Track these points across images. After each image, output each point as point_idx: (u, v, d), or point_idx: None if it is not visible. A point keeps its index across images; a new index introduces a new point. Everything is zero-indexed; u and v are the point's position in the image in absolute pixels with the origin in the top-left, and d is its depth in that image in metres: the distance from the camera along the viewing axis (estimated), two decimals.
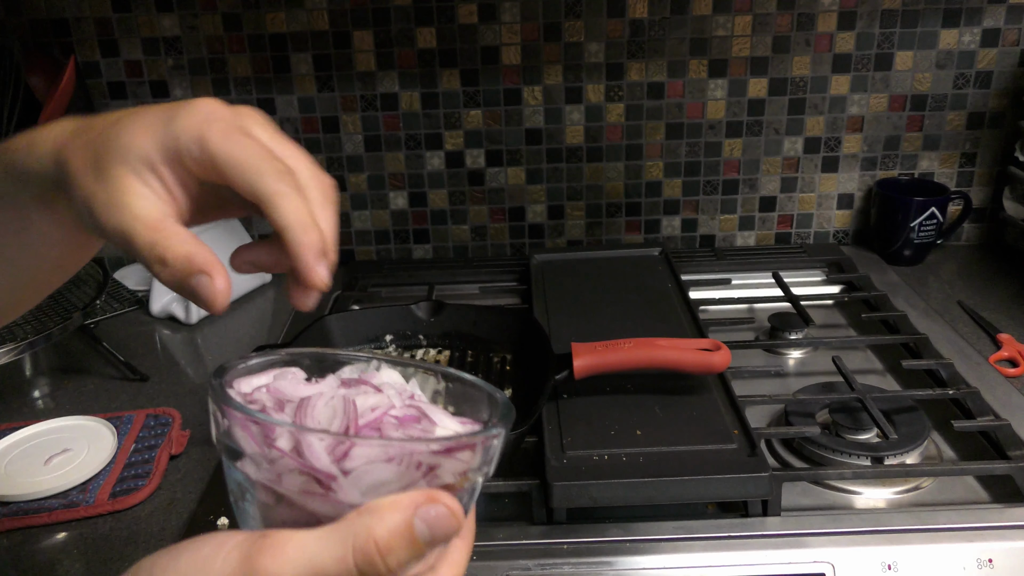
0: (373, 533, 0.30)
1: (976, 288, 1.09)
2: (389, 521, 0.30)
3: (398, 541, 0.30)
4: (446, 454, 0.33)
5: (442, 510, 0.31)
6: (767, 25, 1.12)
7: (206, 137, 0.36)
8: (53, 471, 0.78)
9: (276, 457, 0.32)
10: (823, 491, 0.73)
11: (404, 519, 0.30)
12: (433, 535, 0.31)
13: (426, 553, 0.31)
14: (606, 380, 0.79)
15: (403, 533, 0.30)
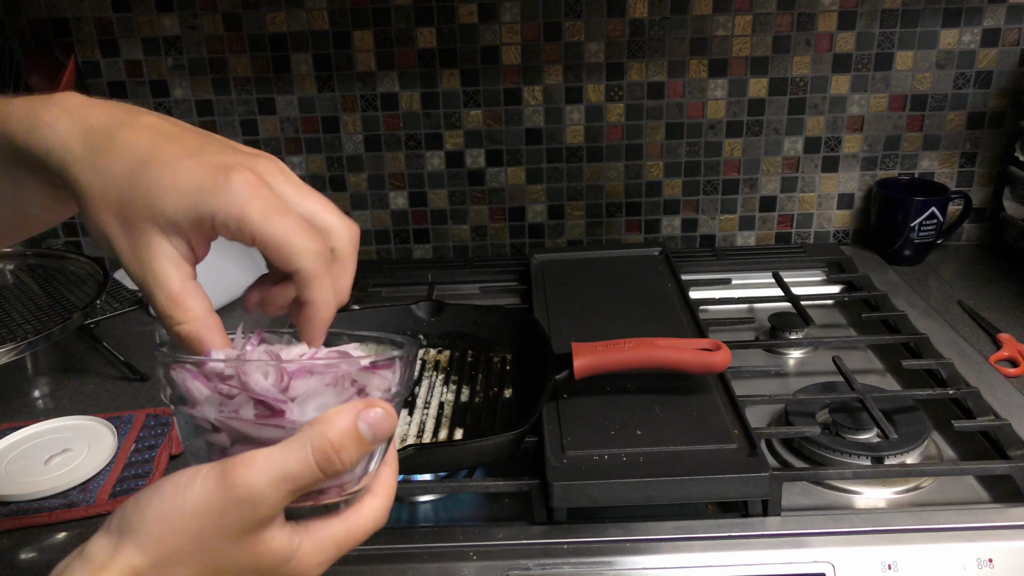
0: (327, 435, 0.36)
1: (976, 288, 1.09)
2: (338, 424, 0.37)
3: (347, 439, 0.37)
4: (372, 371, 0.40)
5: (379, 412, 0.38)
6: (767, 25, 1.12)
7: (246, 219, 0.38)
8: (53, 471, 0.78)
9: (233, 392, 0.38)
10: (823, 491, 0.73)
11: (350, 421, 0.37)
12: (375, 433, 0.37)
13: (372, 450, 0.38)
14: (606, 380, 0.79)
15: (350, 433, 0.37)
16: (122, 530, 0.36)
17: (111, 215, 0.39)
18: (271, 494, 0.36)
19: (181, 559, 0.36)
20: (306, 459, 0.36)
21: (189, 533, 0.36)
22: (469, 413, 0.79)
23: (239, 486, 0.35)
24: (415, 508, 0.74)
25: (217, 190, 0.38)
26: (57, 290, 0.99)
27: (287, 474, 0.36)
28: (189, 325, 0.40)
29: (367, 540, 0.41)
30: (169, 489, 0.37)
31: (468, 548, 0.66)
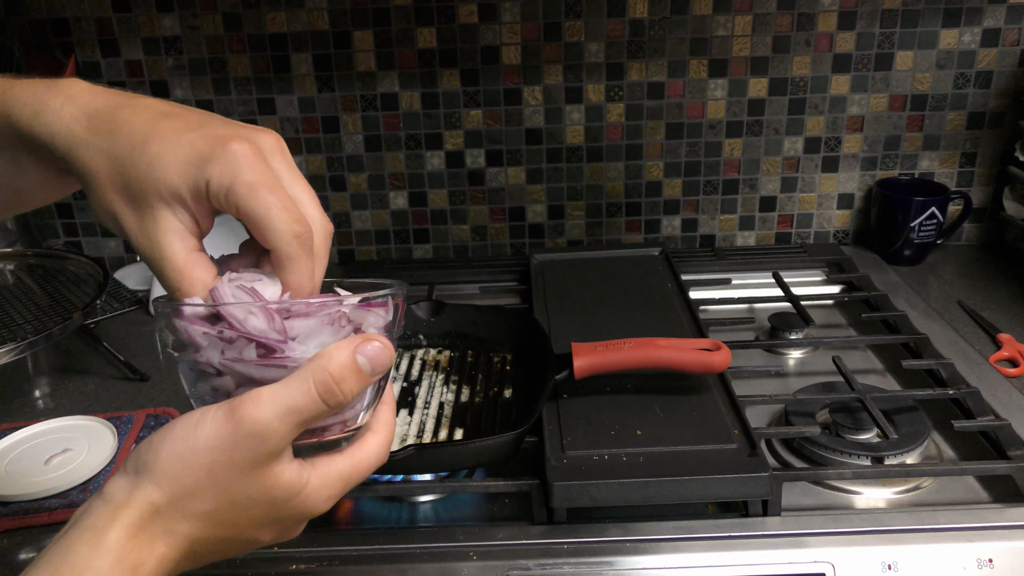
0: (328, 368, 0.38)
1: (976, 288, 1.09)
2: (337, 358, 0.38)
3: (347, 372, 0.38)
4: (366, 308, 0.42)
5: (377, 346, 0.39)
6: (767, 25, 1.12)
7: (234, 190, 0.39)
8: (53, 471, 0.78)
9: (233, 337, 0.39)
10: (823, 491, 0.73)
11: (349, 355, 0.38)
12: (373, 366, 0.39)
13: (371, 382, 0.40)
14: (606, 380, 0.79)
15: (350, 365, 0.38)
16: (138, 470, 0.38)
17: (118, 194, 0.40)
18: (278, 427, 0.37)
19: (196, 493, 0.37)
20: (309, 392, 0.38)
21: (203, 468, 0.37)
22: (469, 413, 0.79)
23: (248, 421, 0.37)
24: (415, 508, 0.74)
25: (214, 158, 0.39)
26: (57, 290, 0.99)
27: (292, 407, 0.37)
28: (197, 293, 0.41)
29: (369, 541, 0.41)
30: (181, 428, 0.38)
31: (468, 548, 0.66)
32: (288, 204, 0.40)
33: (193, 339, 0.40)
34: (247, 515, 0.39)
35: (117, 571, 0.36)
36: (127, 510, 0.37)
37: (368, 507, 0.74)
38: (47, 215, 1.21)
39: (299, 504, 0.40)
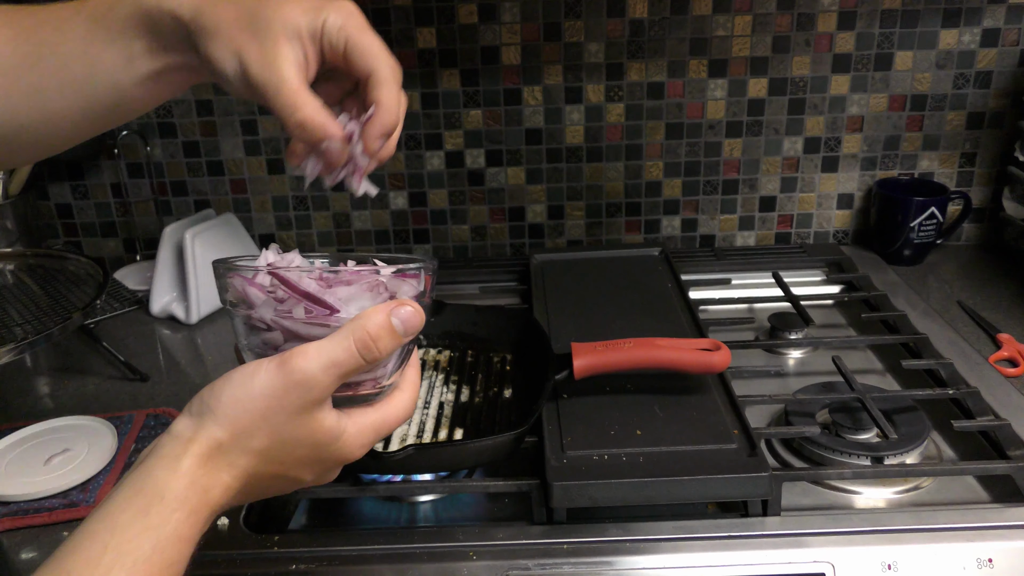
0: (366, 327, 0.43)
1: (976, 288, 1.09)
2: (375, 319, 0.44)
3: (383, 331, 0.44)
4: (401, 278, 0.46)
5: (409, 310, 0.45)
6: (767, 25, 1.12)
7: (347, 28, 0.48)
8: (53, 471, 0.78)
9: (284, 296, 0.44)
10: (823, 491, 0.73)
11: (384, 316, 0.44)
12: (406, 327, 0.45)
13: (403, 342, 0.45)
14: (606, 380, 0.79)
15: (385, 325, 0.44)
16: (202, 412, 0.43)
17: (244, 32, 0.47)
18: (322, 378, 0.43)
19: (253, 432, 0.43)
20: (349, 348, 0.43)
21: (258, 411, 0.43)
22: (469, 413, 0.79)
23: (296, 371, 0.43)
24: (415, 508, 0.74)
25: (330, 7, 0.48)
26: (57, 290, 0.99)
27: (335, 360, 0.43)
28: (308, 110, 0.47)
29: (369, 541, 0.52)
30: (239, 376, 0.44)
31: (468, 548, 0.66)
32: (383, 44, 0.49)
33: (249, 297, 0.45)
34: (295, 454, 0.45)
35: (191, 492, 0.41)
36: (196, 444, 0.42)
37: (368, 507, 0.74)
38: (47, 215, 1.21)
39: (338, 449, 0.46)
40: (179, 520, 0.41)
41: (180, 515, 0.41)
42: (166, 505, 0.40)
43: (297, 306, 0.45)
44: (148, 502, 0.40)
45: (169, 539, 0.40)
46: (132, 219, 1.22)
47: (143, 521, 0.40)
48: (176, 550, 0.40)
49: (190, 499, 0.41)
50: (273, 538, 0.67)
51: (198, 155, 1.18)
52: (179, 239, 1.05)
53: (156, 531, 0.40)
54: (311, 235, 1.23)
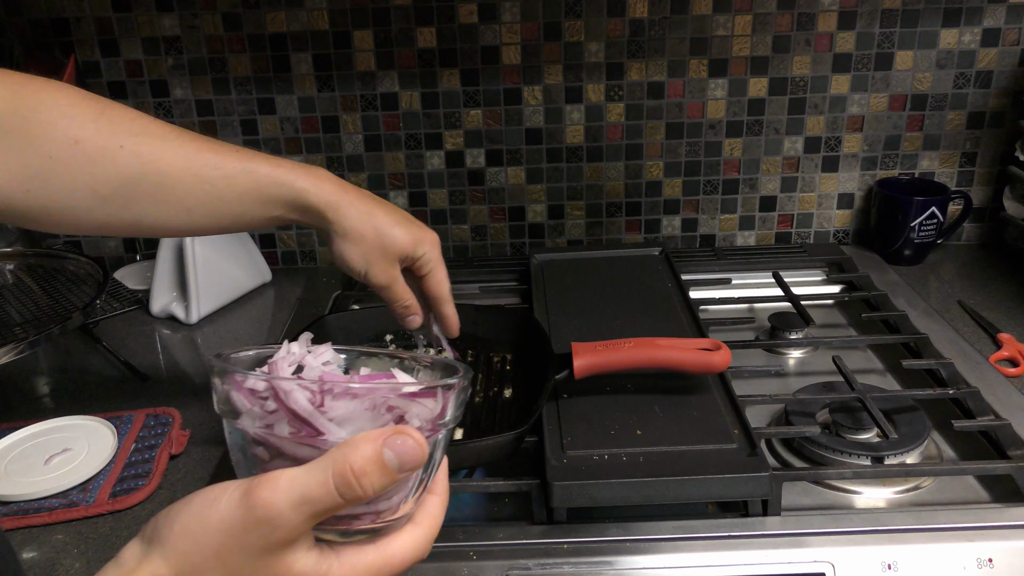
0: (349, 460, 0.36)
1: (976, 288, 1.09)
2: (363, 450, 0.36)
3: (371, 466, 0.36)
4: (411, 399, 0.39)
5: (408, 441, 0.37)
6: (767, 25, 1.12)
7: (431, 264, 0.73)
8: (53, 471, 0.78)
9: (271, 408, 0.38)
10: (823, 491, 0.73)
11: (375, 448, 0.36)
12: (401, 462, 0.37)
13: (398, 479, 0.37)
14: (606, 380, 0.79)
15: (374, 459, 0.36)
16: (152, 539, 0.38)
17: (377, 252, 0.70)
18: (290, 516, 0.36)
19: (203, 573, 0.37)
20: (326, 483, 0.36)
21: (211, 548, 0.37)
22: (469, 413, 0.79)
23: (259, 507, 0.36)
24: None
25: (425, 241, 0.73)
26: (57, 290, 0.99)
27: (307, 497, 0.36)
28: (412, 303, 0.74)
29: None
30: (198, 503, 0.38)
31: (468, 548, 0.66)
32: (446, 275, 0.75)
33: (234, 403, 0.39)
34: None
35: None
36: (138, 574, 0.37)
37: None
38: None
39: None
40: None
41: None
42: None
43: (281, 422, 0.38)
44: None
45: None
46: None
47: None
48: None
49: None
50: None
51: None
52: (179, 239, 1.05)
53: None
54: (311, 235, 1.23)
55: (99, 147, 0.59)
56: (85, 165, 0.59)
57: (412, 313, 0.74)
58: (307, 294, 1.14)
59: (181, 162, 0.62)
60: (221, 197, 0.63)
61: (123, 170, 0.60)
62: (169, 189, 0.62)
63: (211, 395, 0.41)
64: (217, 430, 0.85)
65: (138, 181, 0.61)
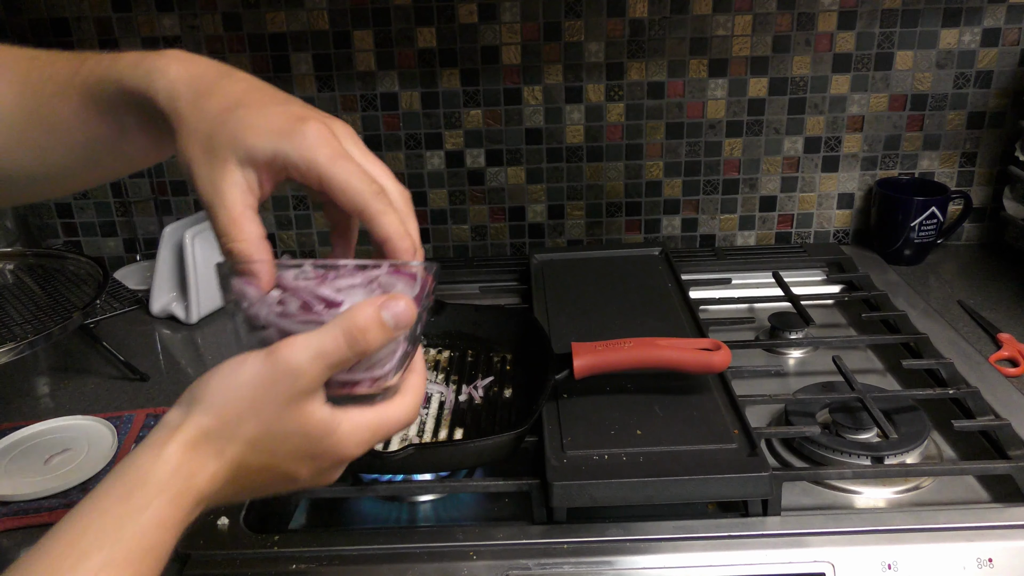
0: (354, 320, 0.43)
1: (976, 288, 1.09)
2: (365, 311, 0.43)
3: (372, 324, 0.43)
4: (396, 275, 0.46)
5: (400, 303, 0.44)
6: (767, 25, 1.12)
7: (315, 161, 0.45)
8: (53, 471, 0.78)
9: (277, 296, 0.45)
10: (823, 491, 0.73)
11: (374, 310, 0.43)
12: (396, 321, 0.44)
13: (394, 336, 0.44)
14: (606, 380, 0.79)
15: (374, 318, 0.43)
16: (191, 401, 0.44)
17: (198, 145, 0.45)
18: (309, 368, 0.42)
19: (241, 421, 0.43)
20: (337, 338, 0.43)
21: (246, 400, 0.43)
22: (469, 413, 0.79)
23: (283, 361, 0.42)
24: (415, 508, 0.74)
25: (294, 135, 0.45)
26: (57, 290, 0.99)
27: (322, 351, 0.42)
28: (242, 244, 0.45)
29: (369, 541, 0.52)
30: (227, 367, 0.44)
31: (468, 548, 0.66)
32: (362, 170, 0.46)
33: (246, 295, 0.45)
34: (286, 446, 0.44)
35: (174, 478, 0.41)
36: (181, 431, 0.42)
37: (368, 507, 0.74)
38: (47, 215, 1.21)
39: (332, 445, 0.45)
40: (160, 505, 0.40)
41: (162, 500, 0.40)
42: (148, 490, 0.41)
43: (291, 302, 0.45)
44: (131, 488, 0.41)
45: (150, 524, 0.40)
46: (132, 219, 1.22)
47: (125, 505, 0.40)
48: (156, 535, 0.40)
49: (173, 485, 0.41)
50: (273, 538, 0.67)
51: None
52: (179, 239, 1.05)
53: (137, 515, 0.40)
54: (311, 235, 1.23)
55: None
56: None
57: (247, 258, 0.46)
58: None
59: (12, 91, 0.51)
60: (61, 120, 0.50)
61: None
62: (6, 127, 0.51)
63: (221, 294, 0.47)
64: None
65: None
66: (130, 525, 0.40)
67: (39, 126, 0.51)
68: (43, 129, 0.51)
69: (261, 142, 0.44)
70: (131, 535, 0.40)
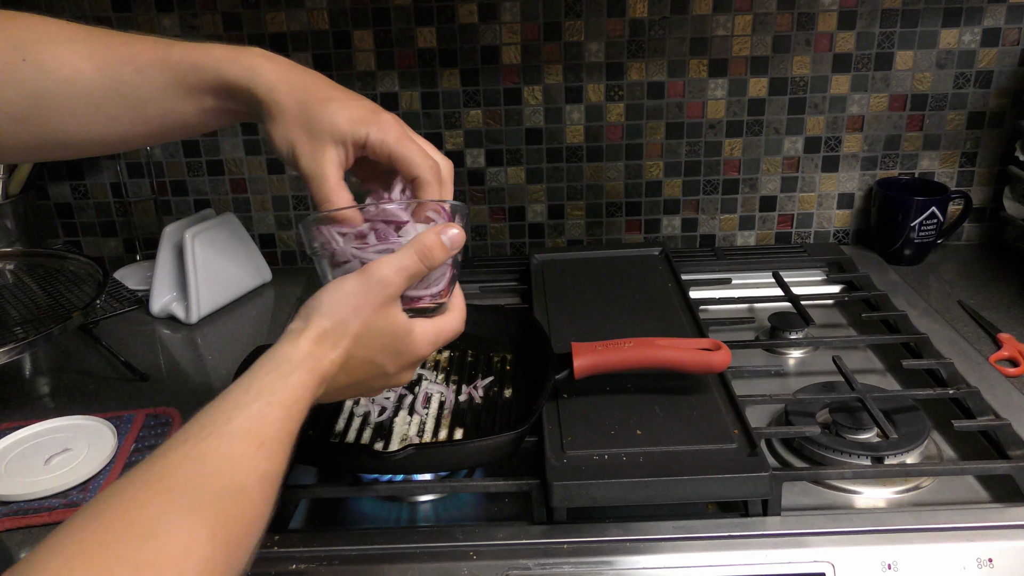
0: (423, 240, 0.57)
1: (976, 288, 1.09)
2: (430, 235, 0.58)
3: (435, 243, 0.58)
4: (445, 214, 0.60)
5: (455, 230, 0.59)
6: (767, 25, 1.12)
7: (388, 139, 0.59)
8: (53, 471, 0.78)
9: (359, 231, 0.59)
10: (823, 491, 0.73)
11: (436, 233, 0.58)
12: (452, 243, 0.59)
13: (451, 255, 0.59)
14: (606, 380, 0.79)
15: (436, 240, 0.58)
16: (307, 313, 0.56)
17: (301, 130, 0.58)
18: (394, 278, 0.56)
19: (349, 320, 0.55)
20: (412, 256, 0.57)
21: (350, 306, 0.55)
22: (469, 413, 0.79)
23: (375, 274, 0.56)
24: (415, 508, 0.74)
25: (374, 122, 0.59)
26: (57, 290, 0.99)
27: (403, 265, 0.56)
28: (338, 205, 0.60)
29: (369, 541, 0.57)
30: (332, 287, 0.56)
31: (468, 548, 0.66)
32: (421, 148, 0.61)
33: (333, 237, 0.58)
34: (380, 341, 0.57)
35: (308, 359, 0.53)
36: (308, 330, 0.55)
37: (368, 507, 0.74)
38: (47, 215, 1.21)
39: (409, 343, 0.59)
40: (301, 374, 0.52)
41: (302, 371, 0.52)
42: (292, 365, 0.52)
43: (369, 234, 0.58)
44: (278, 363, 0.52)
45: (295, 386, 0.52)
46: (132, 219, 1.22)
47: (275, 372, 0.52)
48: (299, 392, 0.52)
49: (308, 362, 0.53)
50: (273, 537, 0.67)
51: (198, 155, 1.18)
52: (179, 239, 1.05)
53: (285, 379, 0.51)
54: None
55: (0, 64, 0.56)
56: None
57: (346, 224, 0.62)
58: (307, 294, 1.13)
59: (90, 65, 0.58)
60: (141, 97, 0.59)
61: (29, 86, 0.57)
62: (84, 98, 0.58)
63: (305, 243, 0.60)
64: None
65: (49, 94, 0.57)
66: (280, 382, 0.51)
67: (118, 99, 0.59)
68: (121, 102, 0.59)
69: (352, 128, 0.58)
70: (282, 388, 0.51)
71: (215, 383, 0.95)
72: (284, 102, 0.58)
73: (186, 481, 0.44)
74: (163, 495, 0.42)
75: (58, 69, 0.57)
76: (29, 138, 0.59)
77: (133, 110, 0.59)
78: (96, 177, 1.20)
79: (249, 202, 1.21)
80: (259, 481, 0.47)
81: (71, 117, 0.59)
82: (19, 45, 0.57)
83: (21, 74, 0.57)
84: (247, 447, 0.47)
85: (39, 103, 0.58)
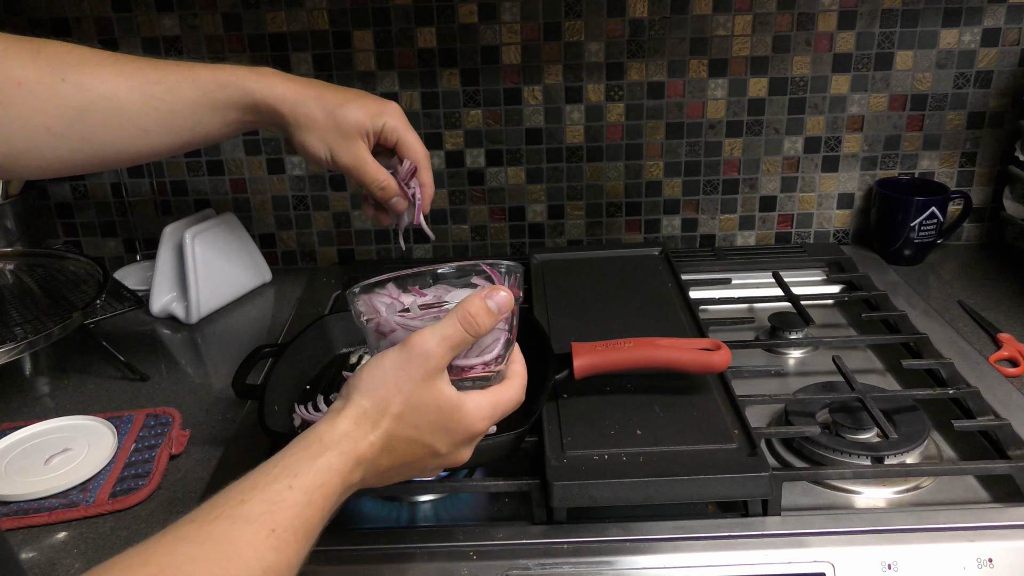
0: (467, 307, 0.54)
1: (976, 288, 1.09)
2: (474, 301, 0.54)
3: (481, 309, 0.54)
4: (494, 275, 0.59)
5: (502, 293, 0.55)
6: (767, 25, 1.12)
7: (398, 127, 0.73)
8: (53, 471, 0.78)
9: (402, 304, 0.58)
10: (823, 491, 0.73)
11: (482, 299, 0.54)
12: (499, 306, 0.55)
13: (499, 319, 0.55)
14: (606, 380, 0.79)
15: (482, 306, 0.54)
16: (348, 392, 0.54)
17: (333, 132, 0.70)
18: (437, 349, 0.53)
19: (389, 399, 0.53)
20: (455, 324, 0.53)
21: (391, 382, 0.53)
22: None
23: (416, 347, 0.53)
24: (415, 508, 0.74)
25: (385, 111, 0.72)
26: (57, 290, 0.99)
27: (445, 335, 0.53)
28: (386, 182, 0.74)
29: (369, 541, 0.56)
30: (373, 363, 0.54)
31: (468, 548, 0.66)
32: (417, 137, 0.75)
33: (376, 307, 0.58)
34: (426, 419, 0.54)
35: (344, 440, 0.51)
36: (348, 410, 0.53)
37: (368, 507, 0.74)
38: (47, 215, 1.21)
39: (461, 418, 0.55)
40: (331, 456, 0.50)
41: (332, 453, 0.50)
42: (324, 446, 0.51)
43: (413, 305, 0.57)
44: (311, 443, 0.51)
45: (321, 469, 0.50)
46: (132, 219, 1.22)
47: (306, 452, 0.50)
48: (327, 476, 0.50)
49: (342, 444, 0.51)
50: None
51: (198, 154, 1.18)
52: (179, 239, 1.06)
53: (312, 460, 0.50)
54: (311, 235, 1.23)
55: (43, 84, 0.61)
56: (33, 104, 0.61)
57: (392, 194, 0.75)
58: (307, 294, 1.14)
59: (125, 84, 0.64)
60: (172, 111, 0.66)
61: (70, 102, 0.62)
62: (120, 112, 0.64)
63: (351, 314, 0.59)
64: (217, 430, 0.85)
65: (88, 111, 0.63)
66: (307, 464, 0.49)
67: (151, 113, 0.65)
68: (154, 115, 0.65)
69: (371, 120, 0.71)
70: (308, 470, 0.49)
71: (215, 383, 0.95)
72: (313, 113, 0.69)
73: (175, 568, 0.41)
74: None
75: (97, 87, 0.63)
76: (67, 152, 0.64)
77: (164, 124, 0.66)
78: (96, 177, 1.20)
79: (249, 202, 1.21)
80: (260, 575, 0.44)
81: (108, 131, 0.64)
82: (57, 67, 0.62)
83: (63, 92, 0.62)
84: (254, 534, 0.44)
85: (80, 118, 0.63)
